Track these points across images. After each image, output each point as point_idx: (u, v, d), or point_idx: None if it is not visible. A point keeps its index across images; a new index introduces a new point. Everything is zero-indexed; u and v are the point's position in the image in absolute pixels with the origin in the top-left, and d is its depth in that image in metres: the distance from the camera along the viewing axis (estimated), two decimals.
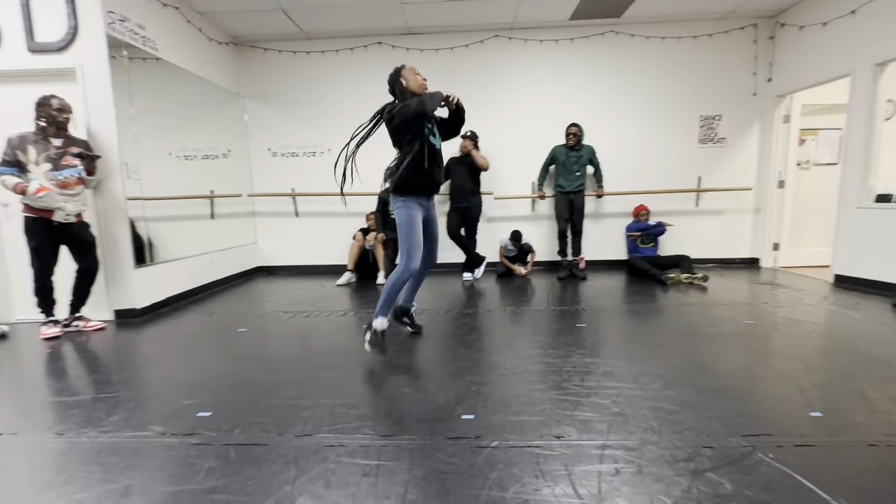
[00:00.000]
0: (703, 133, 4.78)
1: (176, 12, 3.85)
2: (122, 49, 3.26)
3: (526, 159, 4.84)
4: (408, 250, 2.34)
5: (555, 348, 2.46)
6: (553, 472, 1.36)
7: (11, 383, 2.23)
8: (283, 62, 4.85)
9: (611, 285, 4.08)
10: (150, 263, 3.53)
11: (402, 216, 2.36)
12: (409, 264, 2.34)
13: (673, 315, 3.08)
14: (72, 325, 3.07)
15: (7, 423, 1.78)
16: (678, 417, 1.67)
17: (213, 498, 1.29)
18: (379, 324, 2.36)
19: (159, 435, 1.65)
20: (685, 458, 1.41)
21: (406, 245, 2.35)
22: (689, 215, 4.88)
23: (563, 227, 4.51)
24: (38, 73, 3.14)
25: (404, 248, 2.35)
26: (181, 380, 2.17)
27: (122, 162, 3.22)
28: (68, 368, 2.42)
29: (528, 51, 4.75)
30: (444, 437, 1.58)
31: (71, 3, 3.03)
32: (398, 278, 2.36)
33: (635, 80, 4.73)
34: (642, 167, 4.83)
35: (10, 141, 2.79)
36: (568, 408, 1.77)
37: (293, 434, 1.62)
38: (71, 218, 2.92)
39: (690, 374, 2.06)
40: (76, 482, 1.38)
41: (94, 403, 1.93)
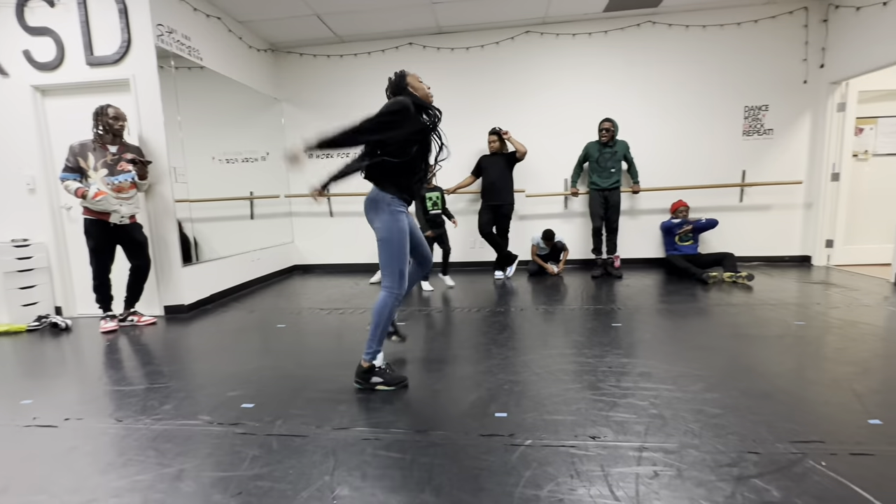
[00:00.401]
0: (747, 125, 4.55)
1: (218, 22, 4.04)
2: (170, 59, 3.44)
3: (558, 156, 4.77)
4: (400, 271, 1.97)
5: (589, 348, 2.42)
6: (589, 473, 1.34)
7: (76, 373, 2.41)
8: (318, 66, 4.99)
9: (647, 284, 3.96)
10: (196, 262, 3.72)
11: (395, 230, 1.95)
12: (402, 285, 1.99)
13: (715, 315, 2.95)
14: (127, 319, 3.28)
15: (74, 410, 1.93)
16: (721, 421, 1.61)
17: (257, 484, 1.35)
18: (381, 362, 2.05)
19: (207, 424, 1.74)
20: (728, 463, 1.36)
21: (398, 265, 1.96)
22: (733, 211, 4.66)
23: (597, 224, 4.41)
24: (95, 85, 3.38)
25: (395, 269, 1.96)
26: (226, 372, 2.28)
27: (171, 166, 3.41)
28: (124, 360, 2.60)
29: (560, 46, 4.67)
30: (478, 433, 1.59)
31: (125, 18, 3.23)
32: (392, 304, 1.99)
33: (673, 71, 4.56)
34: (681, 162, 4.65)
35: (72, 149, 3.01)
36: (603, 408, 1.74)
37: (331, 427, 1.68)
38: (125, 220, 3.12)
39: (734, 377, 1.98)
40: (134, 465, 1.49)
41: (148, 393, 2.06)
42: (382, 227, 1.97)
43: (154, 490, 1.35)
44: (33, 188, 3.49)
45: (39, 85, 3.40)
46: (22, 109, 3.42)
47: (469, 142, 4.83)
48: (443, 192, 4.22)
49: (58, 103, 3.47)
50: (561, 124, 4.75)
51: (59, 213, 3.55)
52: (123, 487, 1.37)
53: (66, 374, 2.38)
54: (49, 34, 3.31)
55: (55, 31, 3.31)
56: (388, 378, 2.01)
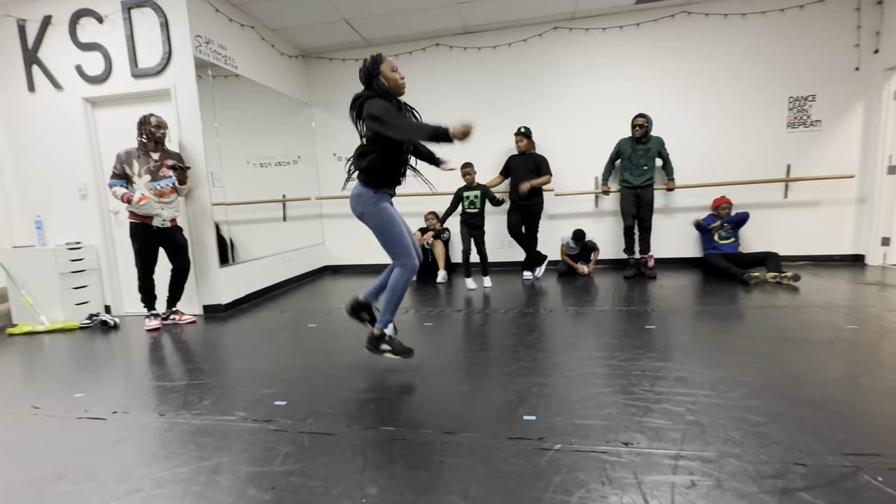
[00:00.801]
0: (792, 116, 4.31)
1: (252, 31, 4.18)
2: (207, 68, 3.59)
3: (589, 154, 4.67)
4: (404, 248, 2.14)
5: (621, 350, 2.35)
6: (621, 480, 1.30)
7: (123, 368, 2.55)
8: (347, 70, 5.08)
9: (684, 285, 3.81)
10: (232, 263, 3.86)
11: (383, 217, 2.14)
12: (410, 261, 2.15)
13: (757, 318, 2.81)
14: (169, 318, 3.44)
15: (121, 403, 2.04)
16: (764, 430, 1.53)
17: (290, 480, 1.39)
18: (391, 330, 2.24)
19: (242, 420, 1.81)
20: (772, 475, 1.29)
21: (399, 246, 2.14)
22: (777, 208, 4.42)
23: (629, 223, 4.28)
24: (140, 96, 3.56)
25: (398, 248, 2.14)
26: (260, 370, 2.36)
27: (209, 171, 3.56)
28: (167, 357, 2.72)
29: (589, 41, 4.57)
30: (506, 436, 1.57)
31: (166, 31, 3.39)
32: (405, 279, 2.15)
33: (710, 63, 4.37)
34: (719, 157, 4.46)
35: (118, 156, 3.19)
36: (636, 413, 1.68)
37: (360, 426, 1.70)
38: (167, 223, 3.28)
39: (779, 383, 1.87)
40: (176, 458, 1.56)
41: (188, 389, 2.16)
42: (371, 218, 2.16)
43: (194, 483, 1.41)
44: (85, 194, 3.72)
45: (90, 97, 3.62)
46: (74, 120, 3.65)
47: (497, 141, 4.80)
48: (485, 190, 4.06)
49: (106, 114, 3.69)
50: (591, 121, 4.65)
51: (108, 218, 3.77)
52: (166, 479, 1.43)
53: (115, 370, 2.52)
54: (98, 49, 3.52)
55: (103, 46, 3.51)
56: (396, 347, 2.21)
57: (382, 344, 2.21)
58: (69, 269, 3.54)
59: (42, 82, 3.66)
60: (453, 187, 4.91)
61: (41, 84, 3.67)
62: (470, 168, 4.13)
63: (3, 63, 3.70)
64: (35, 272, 3.48)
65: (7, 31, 3.64)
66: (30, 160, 3.78)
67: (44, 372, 2.54)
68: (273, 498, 1.31)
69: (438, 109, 4.91)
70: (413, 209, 5.10)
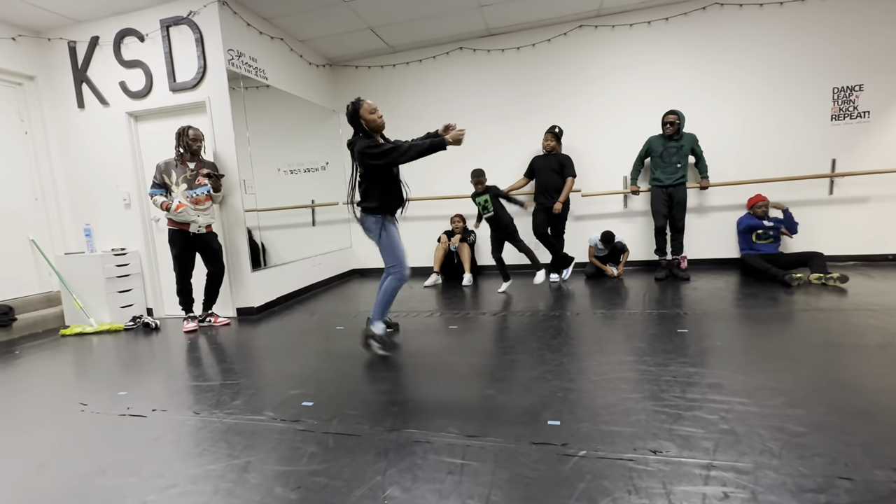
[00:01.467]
0: (837, 108, 4.07)
1: (281, 43, 4.32)
2: (239, 80, 3.74)
3: (617, 153, 4.56)
4: (399, 262, 2.56)
5: (651, 355, 2.28)
6: (648, 490, 1.26)
7: (162, 368, 2.68)
8: (372, 77, 5.17)
9: (719, 287, 3.65)
10: (264, 267, 3.99)
11: (383, 237, 2.54)
12: (402, 270, 2.56)
13: (800, 322, 2.66)
14: (205, 320, 3.59)
15: (160, 402, 2.14)
16: (805, 441, 1.44)
17: (315, 480, 1.42)
18: (378, 329, 2.58)
19: (271, 420, 1.86)
20: (814, 489, 1.22)
21: (395, 255, 2.55)
22: (821, 205, 4.18)
23: (660, 223, 4.14)
24: (177, 109, 3.75)
25: (395, 258, 2.55)
26: (289, 371, 2.42)
27: (241, 179, 3.69)
28: (202, 357, 2.84)
29: (616, 38, 4.47)
30: (529, 441, 1.55)
31: (201, 47, 3.56)
32: (396, 285, 2.57)
33: (745, 56, 4.19)
34: (756, 153, 4.26)
35: (158, 167, 3.36)
36: (666, 421, 1.63)
37: (383, 428, 1.72)
38: (202, 229, 3.43)
39: (822, 392, 1.77)
40: (208, 455, 1.62)
41: (221, 389, 2.24)
42: (375, 237, 2.57)
43: (224, 480, 1.46)
44: (129, 203, 3.93)
45: (133, 111, 3.84)
46: (119, 134, 3.87)
47: (521, 145, 4.77)
48: (493, 191, 3.95)
49: (147, 127, 3.90)
50: (619, 120, 4.54)
51: (150, 225, 3.98)
52: (199, 475, 1.49)
53: (155, 370, 2.65)
54: (140, 66, 3.73)
55: (145, 63, 3.72)
56: (383, 342, 2.55)
57: (371, 340, 2.58)
58: (115, 274, 3.76)
59: (90, 99, 3.91)
60: None
61: (89, 101, 3.92)
62: (479, 177, 3.95)
63: (57, 83, 3.97)
64: (84, 277, 3.71)
65: (60, 54, 3.92)
66: (79, 172, 4.05)
67: (91, 371, 2.71)
68: (298, 497, 1.34)
69: (462, 114, 4.93)
70: (439, 212, 5.13)
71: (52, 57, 3.95)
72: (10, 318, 3.53)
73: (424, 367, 2.34)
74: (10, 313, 3.56)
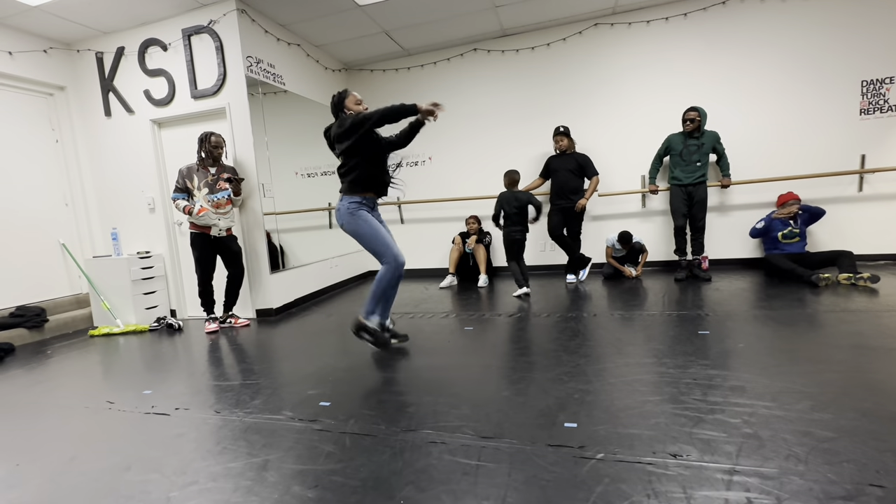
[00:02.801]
0: (866, 102, 3.92)
1: (298, 49, 4.40)
2: (258, 86, 3.82)
3: (635, 152, 4.49)
4: (386, 247, 2.40)
5: (671, 357, 2.23)
6: (668, 494, 1.23)
7: (185, 368, 2.74)
8: (387, 80, 5.21)
9: (742, 288, 3.56)
10: (282, 269, 4.06)
11: (360, 226, 2.41)
12: (395, 259, 2.40)
13: (827, 324, 2.57)
14: (226, 321, 3.67)
15: (182, 400, 2.20)
16: (833, 446, 1.39)
17: (331, 479, 1.43)
18: (372, 322, 2.50)
19: (289, 419, 1.89)
20: (842, 496, 1.17)
21: (380, 246, 2.40)
22: (850, 202, 4.04)
23: (680, 223, 4.05)
24: (199, 115, 3.85)
25: (380, 249, 2.40)
26: (306, 372, 2.45)
27: (260, 182, 3.77)
28: (223, 358, 2.90)
29: (633, 35, 4.41)
30: (545, 443, 1.53)
31: (221, 54, 3.65)
32: (390, 275, 2.42)
33: (768, 50, 4.08)
34: (780, 150, 4.14)
35: (180, 172, 3.46)
36: (686, 424, 1.59)
37: (399, 428, 1.73)
38: (223, 232, 3.51)
39: (852, 395, 1.70)
40: (228, 453, 1.65)
41: (241, 388, 2.29)
42: (348, 228, 2.44)
43: (243, 478, 1.49)
44: (153, 208, 4.06)
45: (156, 119, 3.96)
46: (144, 141, 4.00)
47: (536, 145, 4.74)
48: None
49: (170, 133, 4.02)
50: (636, 119, 4.47)
51: (173, 229, 4.09)
52: (219, 473, 1.53)
53: (178, 369, 2.72)
54: (163, 74, 3.84)
55: (168, 72, 3.83)
56: (376, 337, 2.49)
57: (363, 332, 2.50)
58: (140, 277, 3.88)
59: (117, 107, 4.05)
60: (492, 191, 4.90)
61: (116, 109, 4.05)
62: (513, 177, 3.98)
63: (86, 92, 4.13)
64: (111, 279, 3.84)
65: (88, 64, 4.07)
66: (107, 178, 4.19)
67: (118, 370, 2.79)
68: (315, 496, 1.35)
69: (477, 115, 4.93)
70: (454, 213, 5.13)
71: (80, 67, 4.11)
72: (42, 320, 3.67)
73: (440, 368, 2.34)
74: (43, 315, 3.71)
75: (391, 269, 2.43)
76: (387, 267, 2.43)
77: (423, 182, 5.19)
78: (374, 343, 2.49)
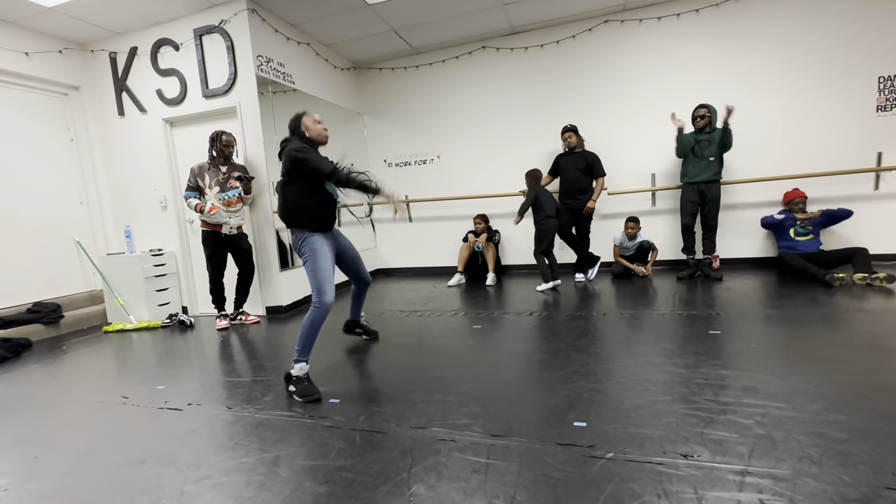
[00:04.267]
0: (883, 98, 3.84)
1: (307, 48, 4.42)
2: (268, 85, 3.84)
3: (645, 150, 4.45)
4: (317, 286, 2.15)
5: (681, 357, 2.21)
6: (679, 494, 1.23)
7: (197, 364, 2.78)
8: (396, 79, 5.22)
9: (754, 287, 3.52)
10: (292, 267, 4.09)
11: (308, 253, 2.20)
12: (322, 299, 2.14)
13: (842, 324, 2.53)
14: (237, 318, 3.71)
15: (195, 396, 2.23)
16: (848, 448, 1.37)
17: (342, 475, 1.44)
18: (300, 370, 2.10)
19: (300, 416, 1.91)
20: (858, 499, 1.16)
21: (314, 282, 2.16)
22: (866, 201, 3.96)
23: (687, 221, 4.00)
24: (210, 114, 3.89)
25: (313, 284, 2.16)
26: (316, 369, 2.47)
27: (270, 181, 3.80)
28: (234, 354, 2.94)
29: (643, 32, 4.36)
30: (555, 442, 1.53)
31: (231, 53, 3.68)
32: (315, 318, 2.14)
33: (781, 46, 4.01)
34: (794, 147, 4.07)
35: (192, 170, 3.50)
36: (697, 424, 1.58)
37: (409, 426, 1.74)
38: (233, 230, 3.54)
39: (867, 397, 1.68)
40: (240, 448, 1.67)
41: (252, 385, 2.31)
42: (304, 257, 2.25)
43: (256, 473, 1.51)
44: (165, 206, 4.11)
45: (169, 118, 4.00)
46: (156, 140, 4.05)
47: (544, 143, 4.71)
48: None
49: (181, 132, 4.06)
50: (646, 117, 4.43)
51: (184, 227, 4.14)
52: (231, 468, 1.55)
53: (190, 365, 2.76)
54: (175, 74, 3.89)
55: (179, 71, 3.87)
56: (301, 390, 2.07)
57: (289, 384, 2.11)
58: (153, 274, 3.93)
59: (130, 107, 4.10)
60: (500, 189, 4.91)
61: (129, 109, 4.11)
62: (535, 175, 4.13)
63: (100, 92, 4.19)
64: (125, 276, 3.90)
65: (102, 64, 4.13)
66: (120, 177, 4.25)
67: (132, 366, 2.84)
68: (326, 491, 1.37)
69: (485, 113, 4.91)
70: (462, 212, 5.13)
71: (94, 67, 4.17)
72: (58, 316, 3.74)
73: (449, 366, 2.35)
74: (59, 311, 3.78)
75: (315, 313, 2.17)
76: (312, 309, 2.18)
77: (431, 180, 5.19)
78: (299, 396, 2.05)
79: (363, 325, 2.96)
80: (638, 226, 4.18)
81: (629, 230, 4.18)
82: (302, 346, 2.15)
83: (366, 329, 2.97)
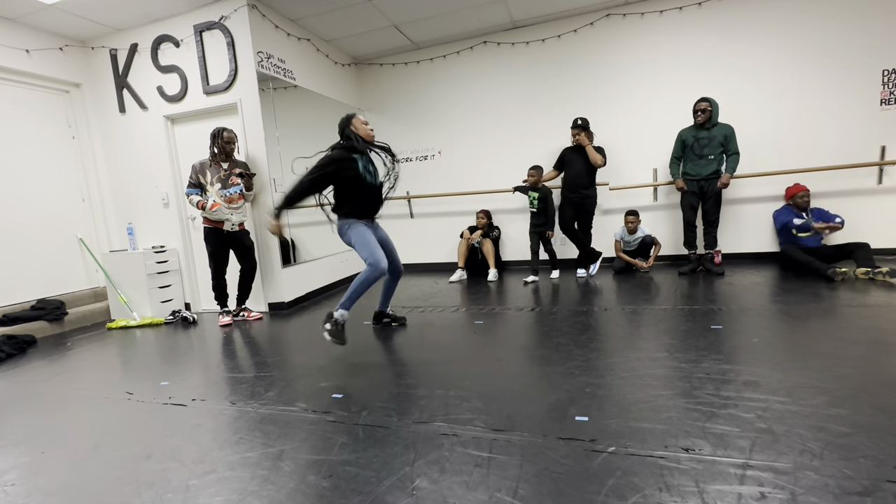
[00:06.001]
0: (887, 92, 3.82)
1: (308, 44, 4.40)
2: (269, 82, 3.84)
3: (647, 145, 4.44)
4: (370, 253, 2.49)
5: (683, 352, 2.22)
6: (680, 488, 1.24)
7: (200, 360, 2.80)
8: (397, 74, 5.20)
9: (756, 282, 3.51)
10: (294, 264, 4.10)
11: (354, 234, 2.58)
12: (376, 264, 2.47)
13: (844, 318, 2.53)
14: (239, 315, 3.72)
15: (199, 392, 2.24)
16: (849, 441, 1.38)
17: (345, 469, 1.46)
18: (340, 315, 2.50)
19: (303, 411, 1.92)
20: (859, 492, 1.16)
21: (366, 252, 2.50)
22: (869, 195, 3.95)
23: (688, 217, 3.99)
24: (211, 111, 3.88)
25: (366, 254, 2.50)
26: (319, 364, 2.49)
27: (271, 177, 3.80)
28: (237, 350, 2.95)
29: (645, 25, 4.33)
30: (557, 436, 1.54)
31: (232, 50, 3.67)
32: (367, 276, 2.48)
33: (784, 39, 3.98)
34: (796, 141, 4.05)
35: (193, 167, 3.50)
36: (699, 418, 1.58)
37: (411, 420, 1.75)
38: (235, 227, 3.55)
39: (868, 391, 1.68)
40: (245, 443, 1.69)
41: (255, 380, 2.33)
42: (348, 239, 2.63)
43: (260, 467, 1.52)
44: (167, 203, 4.12)
45: (169, 115, 4.00)
46: (157, 137, 4.05)
47: (546, 138, 4.70)
48: (542, 192, 4.20)
49: (182, 129, 4.06)
50: (649, 112, 4.41)
51: (186, 223, 4.15)
52: (236, 462, 1.56)
53: (194, 361, 2.77)
54: (175, 70, 3.88)
55: (180, 68, 3.87)
56: (334, 331, 2.47)
57: (327, 323, 2.49)
58: (155, 271, 3.95)
59: (131, 104, 4.10)
60: (501, 185, 4.90)
61: (130, 106, 4.11)
62: (535, 171, 4.19)
63: (101, 89, 4.19)
64: (127, 273, 3.91)
65: (102, 61, 4.12)
66: (122, 173, 4.26)
67: (136, 362, 2.86)
68: (330, 485, 1.38)
69: (486, 108, 4.90)
70: (463, 207, 5.13)
71: (95, 65, 4.16)
72: (62, 313, 3.77)
73: (451, 362, 2.36)
74: (62, 308, 3.80)
75: (371, 272, 2.50)
76: (369, 269, 2.51)
77: (433, 176, 5.19)
78: (331, 335, 2.46)
79: (389, 314, 3.13)
80: (638, 219, 4.18)
81: (629, 224, 4.18)
82: (348, 298, 2.52)
83: (393, 317, 3.14)
